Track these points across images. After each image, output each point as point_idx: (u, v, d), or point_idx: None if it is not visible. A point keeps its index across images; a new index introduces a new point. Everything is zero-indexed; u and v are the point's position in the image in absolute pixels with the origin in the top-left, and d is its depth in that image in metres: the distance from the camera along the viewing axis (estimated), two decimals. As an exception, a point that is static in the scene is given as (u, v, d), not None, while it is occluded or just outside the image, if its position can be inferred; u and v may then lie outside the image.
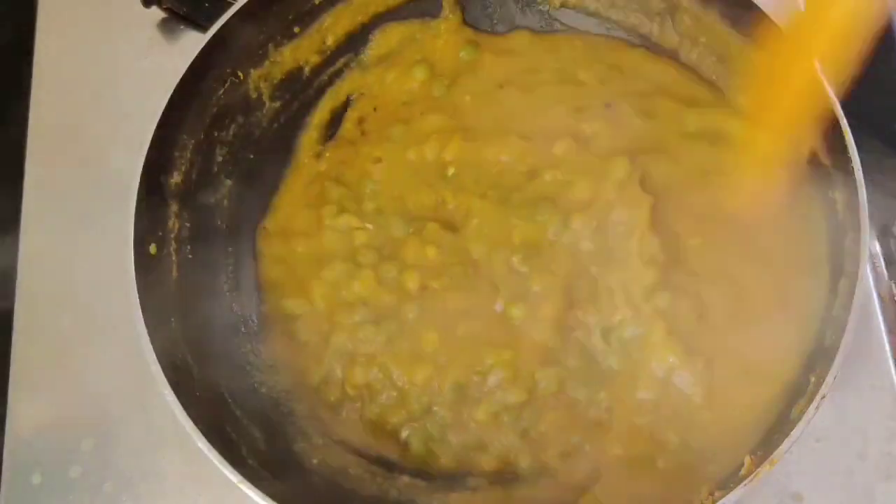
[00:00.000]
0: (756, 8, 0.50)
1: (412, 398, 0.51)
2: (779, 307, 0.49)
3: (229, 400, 0.50)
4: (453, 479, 0.49)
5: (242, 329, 0.54)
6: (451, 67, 0.60)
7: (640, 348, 0.49)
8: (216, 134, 0.55)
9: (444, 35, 0.61)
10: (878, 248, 0.56)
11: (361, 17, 0.60)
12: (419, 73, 0.60)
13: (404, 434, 0.51)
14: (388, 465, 0.51)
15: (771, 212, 0.50)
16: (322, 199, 0.57)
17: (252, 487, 0.42)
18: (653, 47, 0.59)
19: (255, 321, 0.55)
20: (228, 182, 0.56)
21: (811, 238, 0.50)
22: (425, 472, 0.50)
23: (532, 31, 0.62)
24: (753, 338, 0.49)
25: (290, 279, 0.55)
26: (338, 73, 0.61)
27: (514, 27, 0.62)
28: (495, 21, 0.62)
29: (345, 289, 0.54)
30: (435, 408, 0.50)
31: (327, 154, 0.59)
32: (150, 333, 0.45)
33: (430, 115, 0.58)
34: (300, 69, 0.59)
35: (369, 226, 0.55)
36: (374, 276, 0.53)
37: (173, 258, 0.51)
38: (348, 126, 0.60)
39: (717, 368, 0.49)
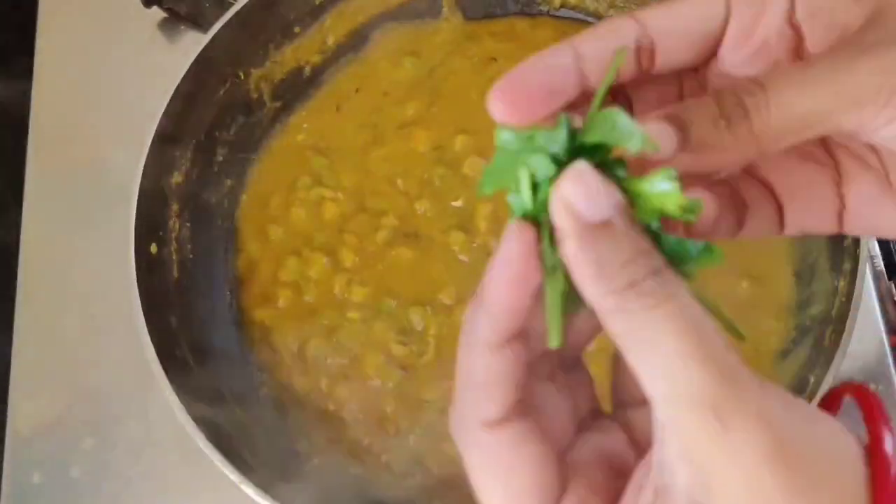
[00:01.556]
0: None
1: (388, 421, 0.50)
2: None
3: (229, 400, 0.50)
4: (453, 480, 0.50)
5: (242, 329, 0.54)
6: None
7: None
8: (216, 134, 0.55)
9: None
10: (878, 248, 0.56)
11: (362, 17, 0.60)
12: (407, 64, 0.60)
13: (384, 459, 0.50)
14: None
15: None
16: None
17: (252, 487, 0.42)
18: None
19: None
20: (228, 182, 0.56)
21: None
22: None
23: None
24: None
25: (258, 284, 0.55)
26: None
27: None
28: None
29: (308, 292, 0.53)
30: (413, 436, 0.50)
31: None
32: (150, 333, 0.45)
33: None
34: (300, 69, 0.59)
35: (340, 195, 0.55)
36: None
37: (173, 258, 0.51)
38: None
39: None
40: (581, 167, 0.22)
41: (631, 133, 0.23)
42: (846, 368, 0.43)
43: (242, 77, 0.56)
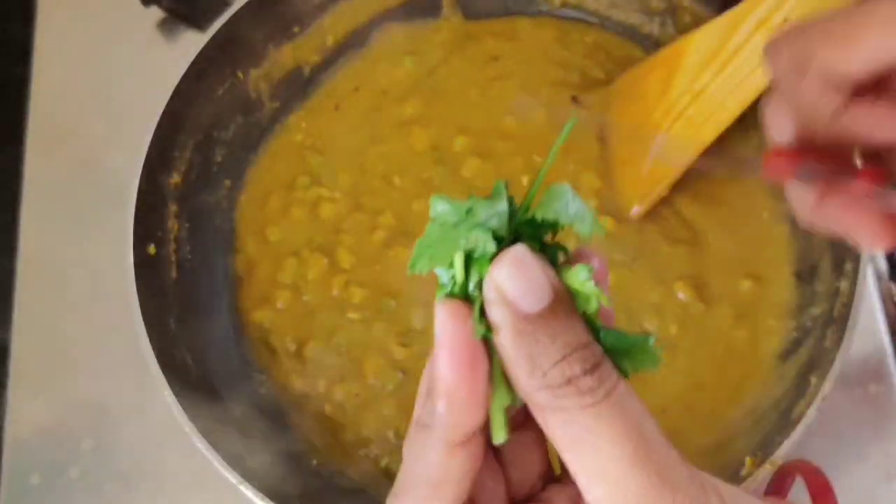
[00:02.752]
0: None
1: (386, 425, 0.50)
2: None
3: (228, 400, 0.50)
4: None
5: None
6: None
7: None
8: (215, 134, 0.55)
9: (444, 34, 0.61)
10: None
11: (361, 17, 0.60)
12: (408, 63, 0.60)
13: (383, 462, 0.50)
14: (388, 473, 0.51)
15: None
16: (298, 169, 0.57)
17: (251, 488, 0.42)
18: (653, 47, 0.59)
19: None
20: (227, 182, 0.56)
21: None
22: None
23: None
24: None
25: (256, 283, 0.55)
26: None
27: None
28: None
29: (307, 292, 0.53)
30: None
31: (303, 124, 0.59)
32: (149, 334, 0.45)
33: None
34: (299, 69, 0.59)
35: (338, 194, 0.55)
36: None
37: (173, 258, 0.51)
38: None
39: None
40: (519, 252, 0.20)
41: (583, 214, 0.22)
42: (847, 370, 0.42)
43: (241, 77, 0.56)
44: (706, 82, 0.50)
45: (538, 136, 0.56)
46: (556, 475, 0.26)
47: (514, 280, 0.20)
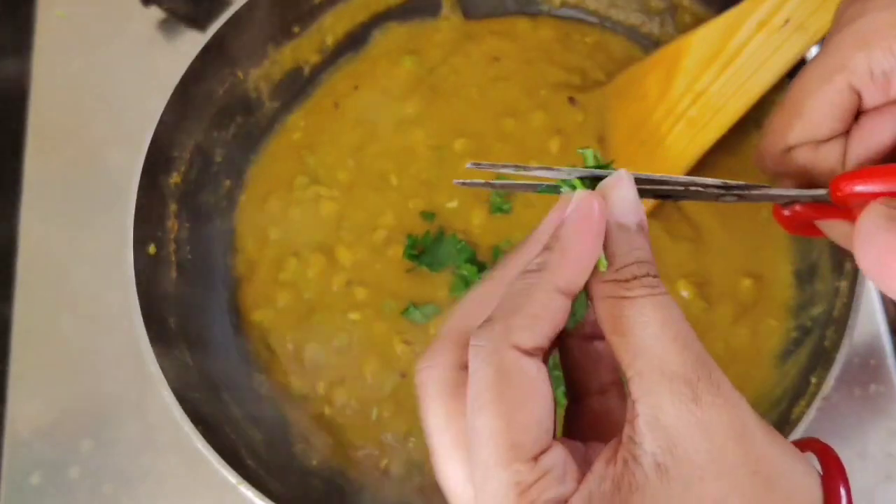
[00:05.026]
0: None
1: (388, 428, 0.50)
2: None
3: (228, 401, 0.50)
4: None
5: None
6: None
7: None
8: (216, 134, 0.55)
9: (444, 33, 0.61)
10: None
11: (361, 17, 0.60)
12: (407, 62, 0.60)
13: (383, 463, 0.50)
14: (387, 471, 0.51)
15: None
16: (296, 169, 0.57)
17: (251, 488, 0.42)
18: (653, 47, 0.59)
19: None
20: (227, 182, 0.56)
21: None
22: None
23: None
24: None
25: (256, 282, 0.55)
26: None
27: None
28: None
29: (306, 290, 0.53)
30: (412, 439, 0.50)
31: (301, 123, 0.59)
32: (149, 334, 0.45)
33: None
34: (299, 69, 0.59)
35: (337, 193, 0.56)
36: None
37: (172, 258, 0.51)
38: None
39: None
40: (625, 175, 0.26)
41: None
42: (847, 370, 0.42)
43: (241, 77, 0.56)
44: (707, 83, 0.50)
45: (537, 137, 0.56)
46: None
47: (616, 192, 0.26)
